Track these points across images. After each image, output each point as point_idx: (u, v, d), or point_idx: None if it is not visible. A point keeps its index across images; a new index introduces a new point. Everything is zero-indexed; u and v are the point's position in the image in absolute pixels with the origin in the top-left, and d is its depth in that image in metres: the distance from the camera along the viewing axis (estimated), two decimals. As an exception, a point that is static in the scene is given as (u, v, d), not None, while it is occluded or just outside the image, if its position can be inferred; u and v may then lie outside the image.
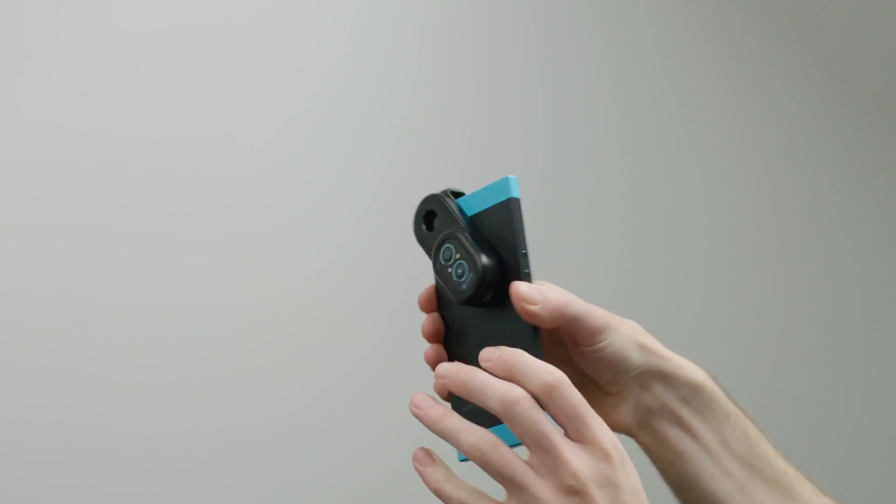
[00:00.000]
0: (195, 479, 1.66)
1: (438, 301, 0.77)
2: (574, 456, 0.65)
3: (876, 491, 2.15)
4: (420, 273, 1.82)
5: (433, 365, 0.76)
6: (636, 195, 2.01)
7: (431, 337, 0.77)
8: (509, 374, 0.68)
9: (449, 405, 0.74)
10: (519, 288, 0.71)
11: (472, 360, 0.74)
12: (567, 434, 0.67)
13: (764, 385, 2.07)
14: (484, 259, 0.72)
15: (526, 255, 0.71)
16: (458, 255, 0.73)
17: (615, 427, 0.78)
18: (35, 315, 1.60)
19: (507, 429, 0.69)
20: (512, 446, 0.69)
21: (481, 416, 0.72)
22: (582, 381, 0.79)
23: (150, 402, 1.65)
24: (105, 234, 1.64)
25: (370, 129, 1.82)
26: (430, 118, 1.87)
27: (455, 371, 0.70)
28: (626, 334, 0.77)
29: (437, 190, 1.85)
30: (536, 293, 0.72)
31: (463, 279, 0.73)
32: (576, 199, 1.96)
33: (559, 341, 0.79)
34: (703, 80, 2.09)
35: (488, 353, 0.70)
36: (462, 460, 0.72)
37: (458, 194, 0.77)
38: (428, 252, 0.76)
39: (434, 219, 0.76)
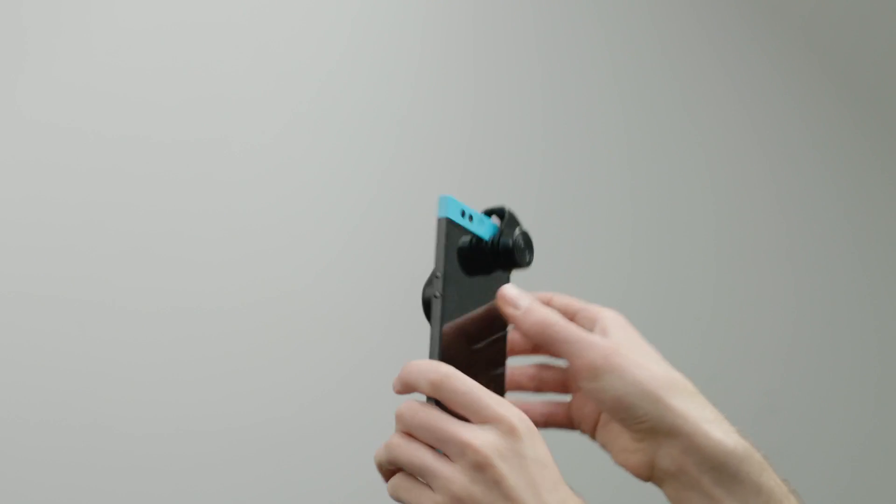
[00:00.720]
0: (195, 479, 1.66)
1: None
2: (474, 435, 0.66)
3: (876, 491, 2.15)
4: (420, 273, 1.82)
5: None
6: (635, 195, 2.01)
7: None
8: (405, 387, 0.70)
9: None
10: (504, 290, 0.72)
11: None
12: (470, 421, 0.68)
13: (763, 385, 2.07)
14: (424, 292, 0.72)
15: (440, 277, 0.71)
16: None
17: (638, 477, 0.74)
18: (35, 315, 1.60)
19: None
20: None
21: None
22: (612, 421, 0.75)
23: (149, 402, 1.64)
24: (105, 234, 1.64)
25: (370, 129, 1.82)
26: (429, 117, 1.86)
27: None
28: (634, 381, 0.71)
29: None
30: (524, 301, 0.72)
31: None
32: (575, 199, 1.96)
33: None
34: (703, 80, 2.09)
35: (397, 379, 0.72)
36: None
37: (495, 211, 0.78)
38: None
39: None
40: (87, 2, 1.67)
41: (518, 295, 0.72)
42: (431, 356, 0.71)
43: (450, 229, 0.72)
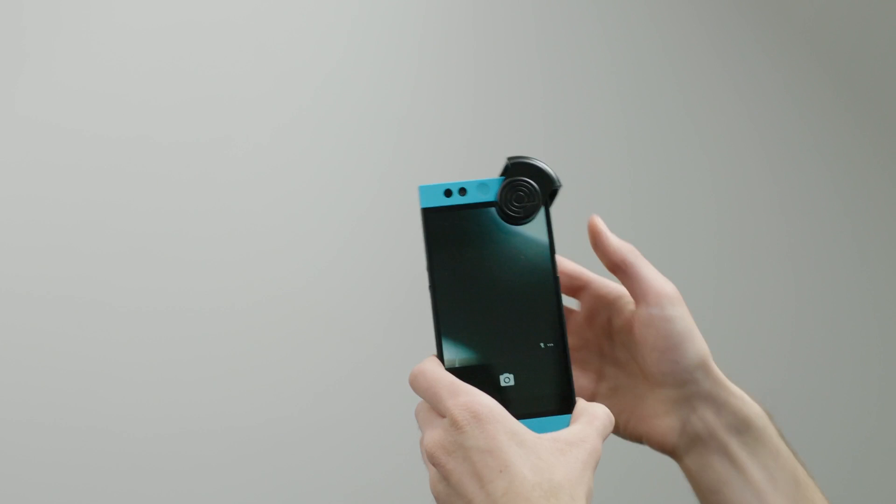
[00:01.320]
0: (195, 479, 1.66)
1: None
2: (428, 433, 0.68)
3: (876, 491, 2.15)
4: (420, 272, 1.82)
5: None
6: (635, 194, 2.01)
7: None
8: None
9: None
10: (594, 218, 0.76)
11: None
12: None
13: (764, 385, 2.07)
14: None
15: (428, 269, 0.72)
16: None
17: (661, 447, 0.75)
18: (35, 315, 1.60)
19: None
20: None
21: None
22: (634, 387, 0.77)
23: (149, 403, 1.64)
24: (105, 234, 1.64)
25: (369, 129, 1.82)
26: (429, 117, 1.86)
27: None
28: (695, 334, 0.74)
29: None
30: (611, 235, 0.76)
31: None
32: (575, 199, 1.96)
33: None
34: (703, 80, 2.09)
35: None
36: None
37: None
38: None
39: None
40: (87, 2, 1.67)
41: (606, 229, 0.76)
42: (436, 350, 0.72)
43: (430, 217, 0.73)
